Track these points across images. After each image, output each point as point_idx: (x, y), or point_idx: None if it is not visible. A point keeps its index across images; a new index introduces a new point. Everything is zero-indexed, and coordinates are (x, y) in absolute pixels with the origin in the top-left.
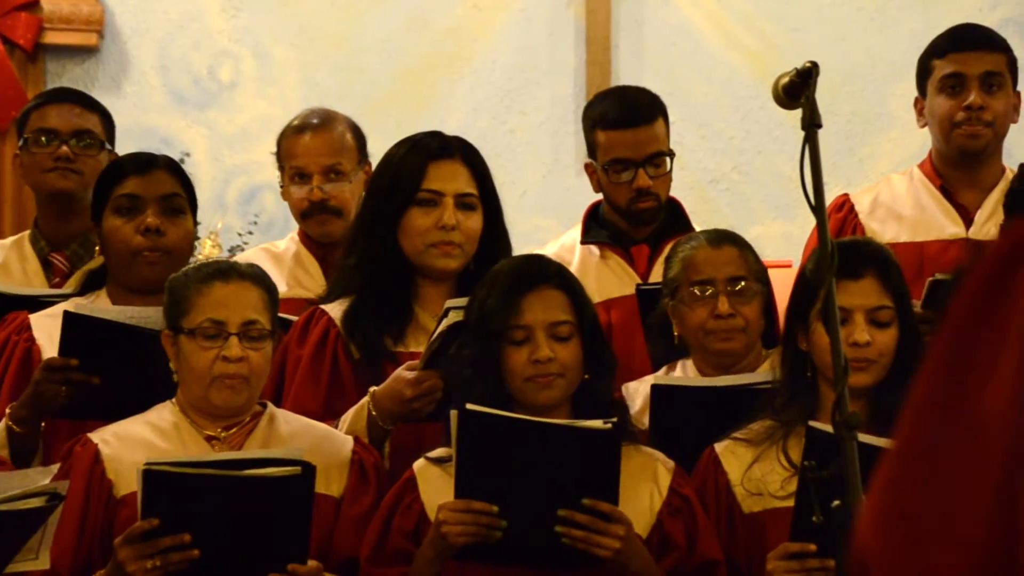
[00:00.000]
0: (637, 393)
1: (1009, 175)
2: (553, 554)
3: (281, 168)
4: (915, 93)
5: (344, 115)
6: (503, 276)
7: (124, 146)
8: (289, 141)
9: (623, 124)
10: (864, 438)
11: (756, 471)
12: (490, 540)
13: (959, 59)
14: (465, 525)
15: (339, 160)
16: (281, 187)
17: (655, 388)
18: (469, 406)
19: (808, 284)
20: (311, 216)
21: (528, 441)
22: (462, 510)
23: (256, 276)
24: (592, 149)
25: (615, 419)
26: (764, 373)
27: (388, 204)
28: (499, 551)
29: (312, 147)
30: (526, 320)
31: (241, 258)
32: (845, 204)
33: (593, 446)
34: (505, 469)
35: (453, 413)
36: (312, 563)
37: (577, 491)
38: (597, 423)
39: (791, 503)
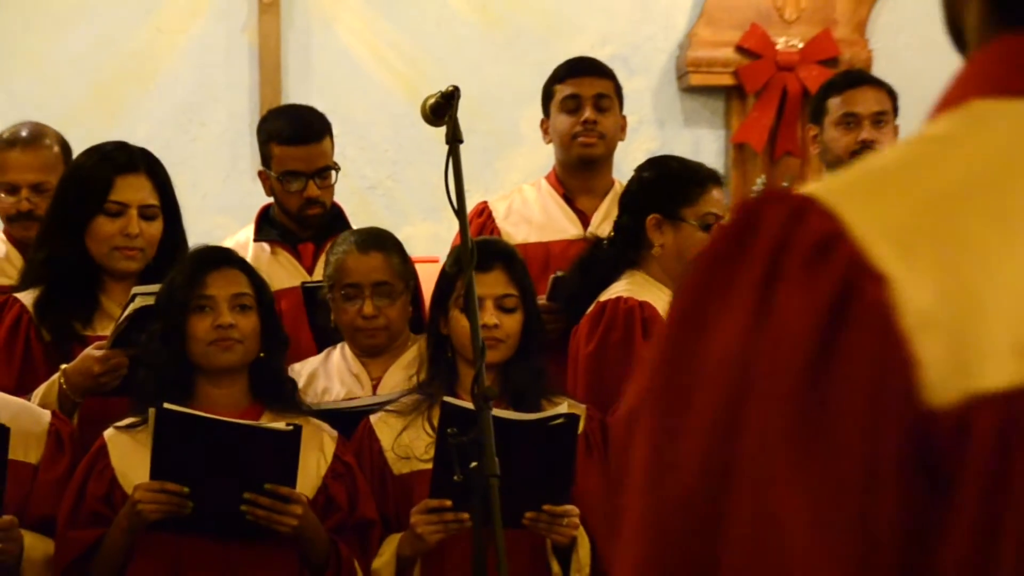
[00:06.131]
0: (301, 371)
1: (618, 185)
2: (238, 527)
3: None
4: (540, 116)
5: (53, 130)
6: (190, 258)
7: None
8: (0, 154)
9: (295, 141)
10: (496, 412)
11: (405, 438)
12: (181, 515)
13: (576, 83)
14: (159, 504)
15: (47, 178)
16: None
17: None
18: (166, 405)
19: (448, 278)
20: (17, 221)
21: (218, 438)
22: (156, 490)
23: None
24: (266, 159)
25: (297, 422)
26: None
27: (77, 211)
28: (190, 523)
29: (22, 162)
30: (210, 291)
31: None
32: (485, 210)
33: (277, 444)
34: (197, 458)
35: (151, 411)
36: (7, 517)
37: (261, 476)
38: (280, 425)
39: None
